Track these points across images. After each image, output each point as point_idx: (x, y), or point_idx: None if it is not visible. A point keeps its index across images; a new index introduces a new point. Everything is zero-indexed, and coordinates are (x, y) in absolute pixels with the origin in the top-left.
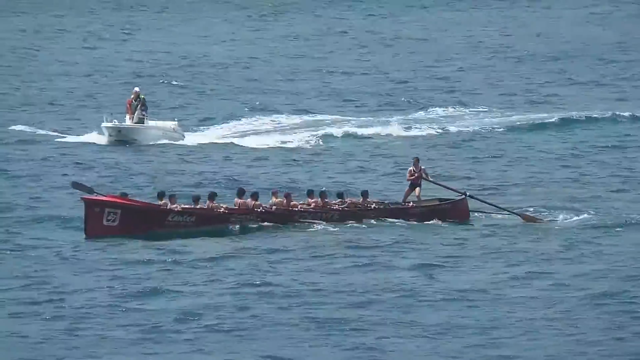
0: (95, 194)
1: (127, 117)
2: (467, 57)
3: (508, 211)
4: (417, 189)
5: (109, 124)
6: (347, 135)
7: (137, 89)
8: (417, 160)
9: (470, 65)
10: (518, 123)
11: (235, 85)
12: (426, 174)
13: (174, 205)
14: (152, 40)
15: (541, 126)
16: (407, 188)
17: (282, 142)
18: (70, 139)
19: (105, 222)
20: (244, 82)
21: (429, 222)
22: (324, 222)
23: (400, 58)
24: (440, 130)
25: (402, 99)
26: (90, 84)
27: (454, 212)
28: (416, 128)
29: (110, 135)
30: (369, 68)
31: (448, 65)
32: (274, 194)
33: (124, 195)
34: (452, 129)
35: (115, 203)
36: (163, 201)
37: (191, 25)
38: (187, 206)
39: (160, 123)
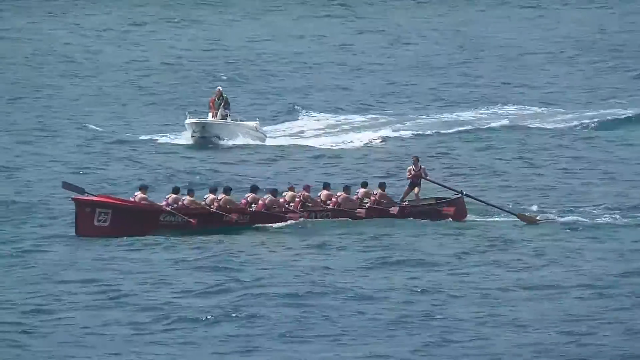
0: (87, 194)
1: (210, 115)
2: (545, 55)
3: (505, 210)
4: (417, 188)
5: (193, 120)
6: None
7: (220, 87)
8: (416, 159)
9: (546, 61)
10: (593, 121)
11: (299, 84)
12: (425, 173)
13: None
14: (216, 38)
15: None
16: (406, 187)
17: (360, 140)
18: (155, 138)
19: (96, 223)
20: (306, 80)
21: (426, 221)
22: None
23: (471, 55)
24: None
25: (472, 96)
26: (165, 81)
27: (451, 211)
28: (487, 126)
29: (194, 131)
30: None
31: (523, 64)
32: (290, 189)
33: (143, 188)
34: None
35: (106, 203)
36: (214, 196)
37: (255, 22)
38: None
39: (242, 122)
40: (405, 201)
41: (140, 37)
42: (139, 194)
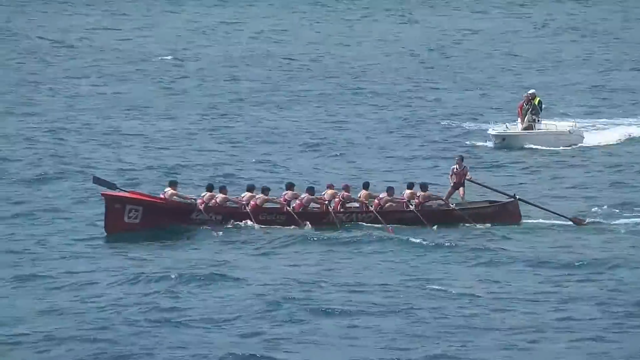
0: (118, 190)
1: (519, 122)
2: None
3: (560, 215)
4: (461, 189)
5: (494, 132)
6: None
7: (530, 91)
8: (460, 159)
9: None
10: None
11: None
12: (469, 174)
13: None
14: None
15: None
16: (449, 188)
17: None
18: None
19: (126, 219)
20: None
21: (478, 225)
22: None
23: None
24: None
25: None
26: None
27: (504, 214)
28: None
29: (495, 143)
30: None
31: None
32: (329, 187)
33: (173, 184)
34: None
35: (137, 200)
36: (211, 193)
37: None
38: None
39: (553, 126)
40: (450, 203)
41: None
42: (169, 190)
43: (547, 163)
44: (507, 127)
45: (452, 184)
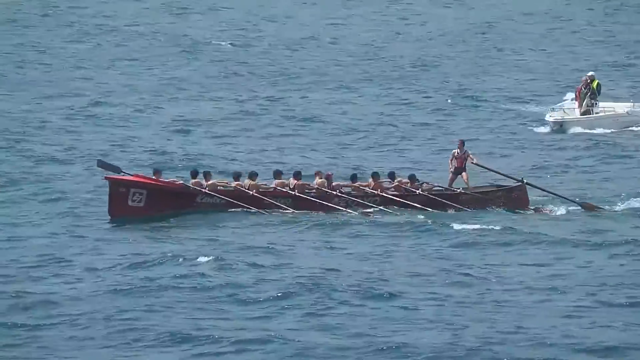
0: (122, 174)
1: (576, 106)
2: None
3: (568, 199)
4: (464, 173)
5: (551, 118)
6: None
7: (589, 74)
8: (461, 143)
9: None
10: None
11: None
12: (472, 158)
13: (210, 182)
14: None
15: None
16: (450, 174)
17: None
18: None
19: (130, 203)
20: None
21: (484, 209)
22: (370, 206)
23: None
24: None
25: None
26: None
27: (511, 199)
28: None
29: (552, 129)
30: None
31: None
32: (317, 174)
33: (157, 171)
34: None
35: (141, 183)
36: (196, 180)
37: None
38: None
39: (611, 109)
40: (453, 188)
41: None
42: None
43: (604, 147)
44: (564, 112)
45: (452, 169)
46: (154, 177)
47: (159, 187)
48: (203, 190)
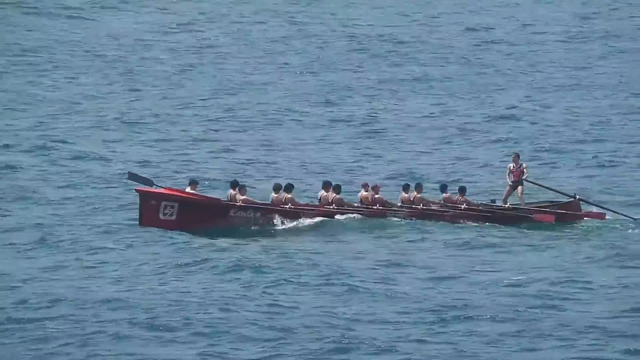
0: (155, 187)
1: None
2: None
3: (624, 215)
4: (520, 187)
5: None
6: None
7: None
8: (516, 156)
9: None
10: None
11: None
12: (525, 173)
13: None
14: None
15: None
16: (507, 187)
17: None
18: None
19: (162, 217)
20: None
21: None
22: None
23: None
24: None
25: None
26: None
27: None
28: None
29: None
30: None
31: None
32: (364, 186)
33: (193, 183)
34: None
35: (172, 195)
36: (235, 191)
37: None
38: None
39: None
40: (507, 203)
41: None
42: (188, 189)
43: None
44: None
45: (510, 183)
46: (189, 188)
47: (190, 200)
48: (237, 203)
